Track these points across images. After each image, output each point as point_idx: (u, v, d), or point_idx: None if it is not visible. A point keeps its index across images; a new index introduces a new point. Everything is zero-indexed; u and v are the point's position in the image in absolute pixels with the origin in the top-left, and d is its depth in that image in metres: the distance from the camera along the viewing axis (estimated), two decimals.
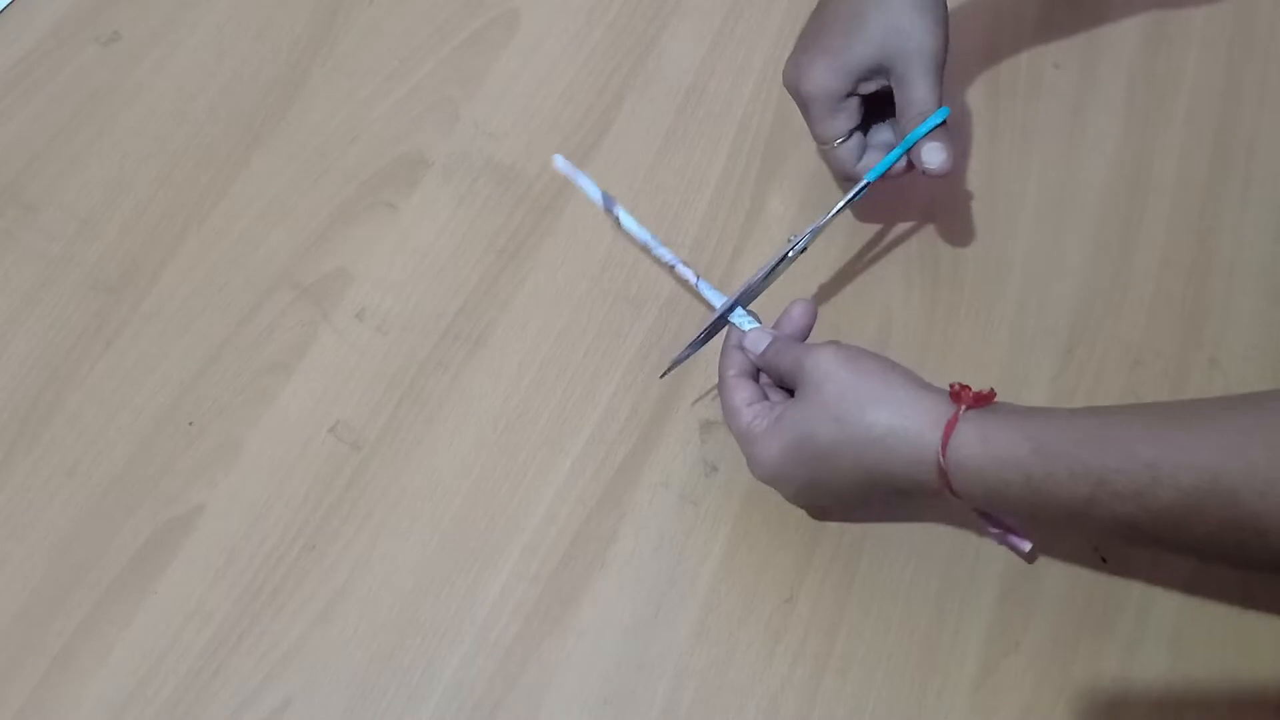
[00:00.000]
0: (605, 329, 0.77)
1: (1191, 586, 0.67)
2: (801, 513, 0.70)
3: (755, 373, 0.68)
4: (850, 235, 0.80)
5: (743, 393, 0.67)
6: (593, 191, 0.77)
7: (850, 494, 0.64)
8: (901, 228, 0.81)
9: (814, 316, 0.69)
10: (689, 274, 0.74)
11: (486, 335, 0.77)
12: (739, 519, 0.70)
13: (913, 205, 0.81)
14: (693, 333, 0.76)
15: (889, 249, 0.80)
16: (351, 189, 0.84)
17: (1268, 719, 0.64)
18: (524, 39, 0.91)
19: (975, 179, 0.83)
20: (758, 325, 0.70)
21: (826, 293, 0.78)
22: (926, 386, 0.62)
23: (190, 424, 0.74)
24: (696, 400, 0.74)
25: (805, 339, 0.68)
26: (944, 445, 0.59)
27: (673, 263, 0.75)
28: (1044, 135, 0.85)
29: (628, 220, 0.76)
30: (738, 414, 0.66)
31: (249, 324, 0.77)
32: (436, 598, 0.67)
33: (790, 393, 0.66)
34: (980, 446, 0.58)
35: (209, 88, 0.89)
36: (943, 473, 0.59)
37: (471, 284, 0.79)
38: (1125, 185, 0.82)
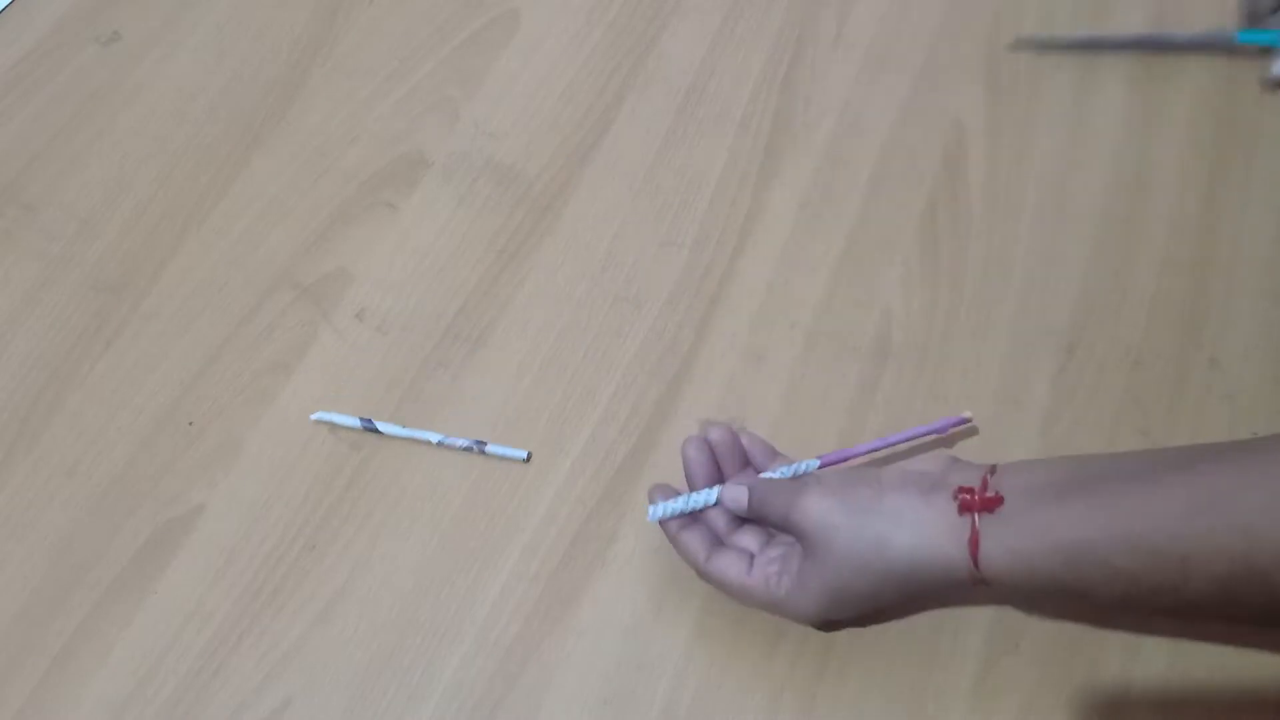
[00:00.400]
0: (605, 329, 0.77)
1: None
2: None
3: (731, 525, 0.66)
4: (850, 236, 0.80)
5: (736, 567, 0.64)
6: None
7: (902, 607, 0.65)
8: (902, 228, 0.81)
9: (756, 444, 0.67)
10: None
11: (486, 335, 0.77)
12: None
13: (913, 205, 0.81)
14: (692, 333, 0.76)
15: (889, 249, 0.80)
16: (351, 189, 0.84)
17: (1268, 719, 0.64)
18: (524, 39, 0.91)
19: (975, 179, 0.83)
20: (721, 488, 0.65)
21: (827, 293, 0.78)
22: (927, 494, 0.60)
23: (190, 424, 0.74)
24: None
25: (772, 454, 0.67)
26: (975, 564, 0.58)
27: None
28: (1044, 135, 0.85)
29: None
30: (744, 588, 0.63)
31: (249, 324, 0.77)
32: (436, 598, 0.67)
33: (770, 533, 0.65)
34: (1009, 563, 0.57)
35: (209, 88, 0.89)
36: (981, 580, 0.59)
37: (471, 284, 0.79)
38: (1125, 185, 0.82)
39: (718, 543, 0.65)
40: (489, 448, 0.71)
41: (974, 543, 0.58)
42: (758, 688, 0.64)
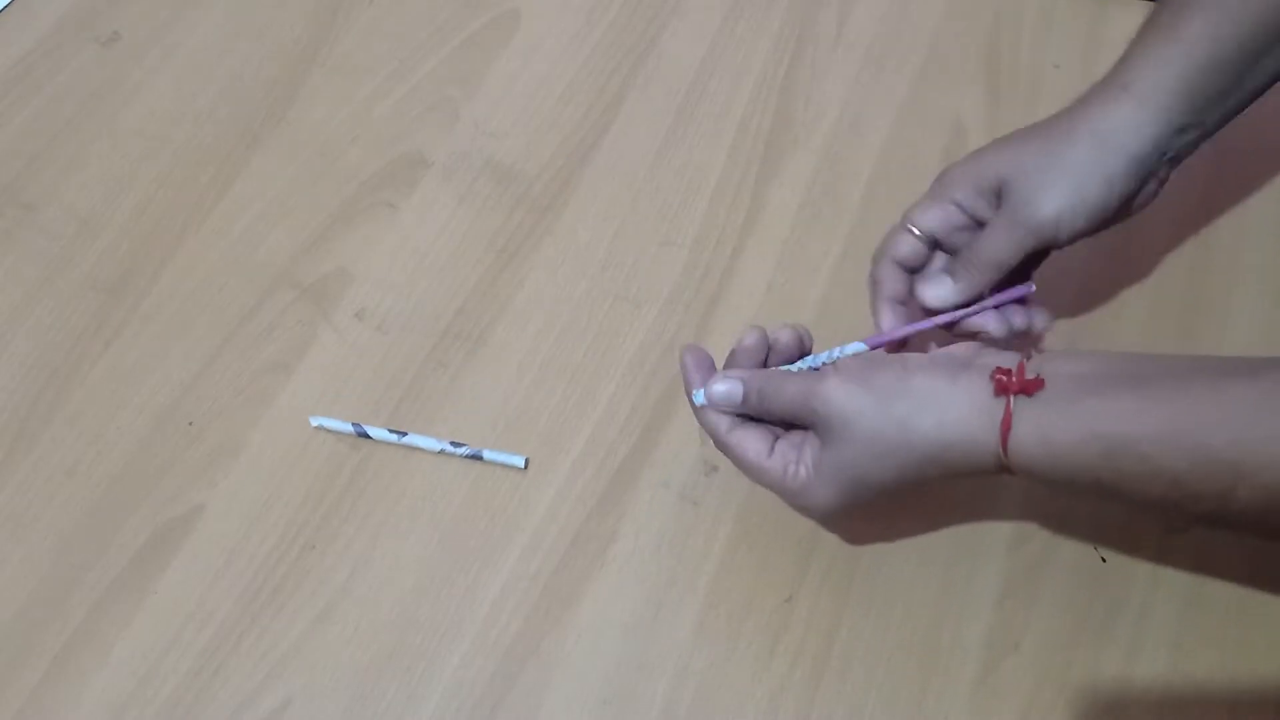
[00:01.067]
0: (605, 329, 0.77)
1: (1192, 586, 0.67)
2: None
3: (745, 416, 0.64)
4: (850, 236, 0.80)
5: (754, 445, 0.62)
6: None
7: (917, 492, 0.61)
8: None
9: (803, 341, 0.65)
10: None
11: (486, 335, 0.77)
12: (739, 519, 0.70)
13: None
14: (692, 333, 0.76)
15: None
16: (351, 189, 0.84)
17: (1268, 719, 0.64)
18: (524, 39, 0.91)
19: None
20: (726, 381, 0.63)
21: (827, 293, 0.78)
22: (958, 374, 0.57)
23: (190, 424, 0.74)
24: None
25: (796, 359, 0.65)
26: (1004, 448, 0.55)
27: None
28: None
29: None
30: (763, 471, 0.61)
31: (249, 324, 0.77)
32: (436, 597, 0.67)
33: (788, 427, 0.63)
34: (1043, 448, 0.55)
35: (209, 88, 0.89)
36: (1006, 468, 0.56)
37: (471, 284, 0.79)
38: None
39: (744, 419, 0.63)
40: (486, 454, 0.71)
41: (1006, 426, 0.55)
42: (757, 687, 0.65)
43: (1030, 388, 0.55)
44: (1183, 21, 0.64)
